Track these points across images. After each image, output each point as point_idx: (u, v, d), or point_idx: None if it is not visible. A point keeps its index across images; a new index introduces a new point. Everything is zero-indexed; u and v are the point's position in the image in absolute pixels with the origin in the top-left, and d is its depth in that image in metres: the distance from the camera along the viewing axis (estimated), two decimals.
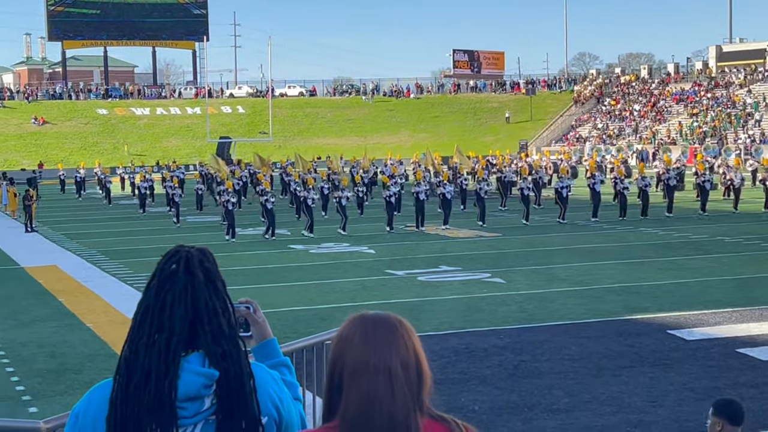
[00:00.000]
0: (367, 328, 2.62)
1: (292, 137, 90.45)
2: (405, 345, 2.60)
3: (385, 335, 2.60)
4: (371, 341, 2.59)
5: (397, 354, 2.58)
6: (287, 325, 15.88)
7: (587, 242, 27.53)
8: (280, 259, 25.58)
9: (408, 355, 2.59)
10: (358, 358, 2.58)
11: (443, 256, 25.03)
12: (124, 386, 2.68)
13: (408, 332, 2.63)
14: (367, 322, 2.64)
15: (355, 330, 2.63)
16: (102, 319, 17.33)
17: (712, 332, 14.99)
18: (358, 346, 2.60)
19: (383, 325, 2.62)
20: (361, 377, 2.56)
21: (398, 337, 2.61)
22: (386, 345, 2.58)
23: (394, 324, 2.63)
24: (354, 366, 2.58)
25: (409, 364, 2.58)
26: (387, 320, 2.64)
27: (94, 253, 27.32)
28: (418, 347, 2.62)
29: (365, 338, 2.60)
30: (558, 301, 18.08)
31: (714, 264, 22.52)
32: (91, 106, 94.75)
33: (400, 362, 2.57)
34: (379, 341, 2.59)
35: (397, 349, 2.58)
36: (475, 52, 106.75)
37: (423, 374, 2.61)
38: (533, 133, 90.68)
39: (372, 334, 2.60)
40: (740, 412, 6.08)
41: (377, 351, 2.57)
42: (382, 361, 2.56)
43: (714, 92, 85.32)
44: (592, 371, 12.68)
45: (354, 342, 2.61)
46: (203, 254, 2.82)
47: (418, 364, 2.60)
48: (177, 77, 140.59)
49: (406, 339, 2.61)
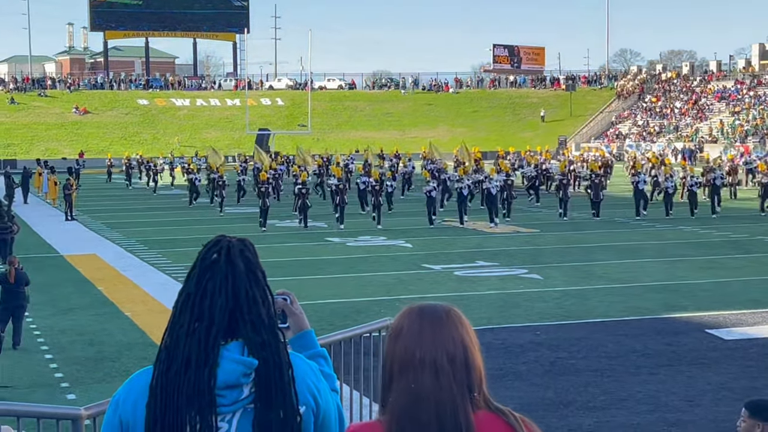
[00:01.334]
0: (414, 322, 2.60)
1: (331, 130, 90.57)
2: (452, 337, 2.57)
3: (430, 328, 2.58)
4: (416, 335, 2.57)
5: (443, 347, 2.55)
6: (323, 317, 15.92)
7: (626, 239, 27.35)
8: (316, 251, 25.64)
9: (455, 348, 2.56)
10: (404, 352, 2.57)
11: (480, 252, 24.98)
12: (164, 373, 2.70)
13: (455, 323, 2.60)
14: (414, 315, 2.62)
15: (403, 323, 2.62)
16: (140, 308, 17.46)
17: (751, 332, 14.86)
18: (405, 339, 2.58)
19: (429, 317, 2.60)
20: (407, 371, 2.55)
21: (444, 329, 2.58)
22: (431, 338, 2.56)
23: (440, 315, 2.60)
24: (401, 360, 2.57)
25: (456, 357, 2.55)
26: (434, 312, 2.61)
27: (134, 243, 27.51)
28: (466, 338, 2.59)
29: (411, 331, 2.58)
30: (595, 299, 17.99)
31: (754, 263, 22.31)
32: (131, 96, 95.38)
33: (446, 355, 2.54)
34: (424, 334, 2.57)
35: (442, 341, 2.56)
36: (516, 47, 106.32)
37: (472, 366, 2.57)
38: (572, 129, 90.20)
39: (417, 327, 2.58)
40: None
41: (422, 344, 2.55)
42: (428, 354, 2.54)
43: (756, 90, 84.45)
44: (630, 369, 12.61)
45: (401, 335, 2.60)
46: (244, 244, 2.83)
47: (466, 356, 2.57)
48: (217, 69, 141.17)
49: (453, 330, 2.58)
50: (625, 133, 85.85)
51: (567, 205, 33.79)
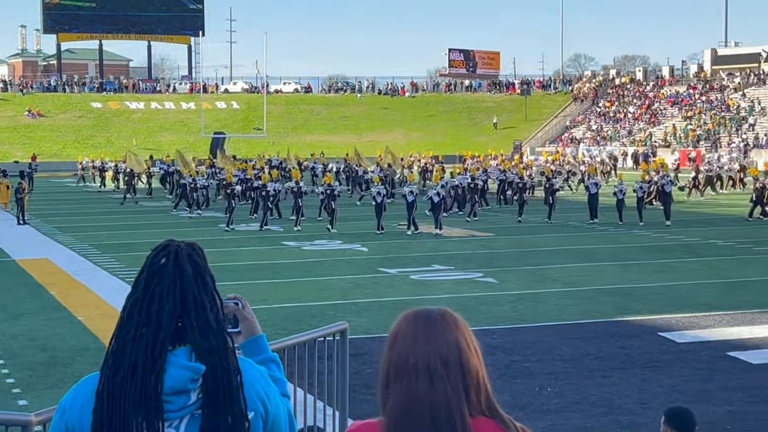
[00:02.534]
0: (408, 327, 2.61)
1: (287, 134, 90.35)
2: (445, 340, 2.57)
3: (424, 332, 2.59)
4: (410, 340, 2.58)
5: (436, 350, 2.55)
6: (278, 322, 15.86)
7: (580, 243, 27.54)
8: (272, 255, 25.57)
9: (448, 350, 2.56)
10: (399, 357, 2.58)
11: (436, 255, 25.03)
12: (111, 379, 2.68)
13: (449, 327, 2.60)
14: (409, 319, 2.64)
15: (399, 329, 2.63)
16: (93, 312, 17.30)
17: (703, 335, 15.00)
18: (400, 344, 2.60)
19: (423, 322, 2.61)
20: (402, 376, 2.56)
21: (438, 333, 2.58)
22: (425, 342, 2.57)
23: (434, 319, 2.61)
24: (397, 365, 2.58)
25: (450, 360, 2.55)
26: (428, 316, 2.62)
27: (86, 247, 27.26)
28: (461, 341, 2.59)
29: (406, 336, 2.60)
30: (550, 302, 18.09)
31: (706, 267, 22.55)
32: (85, 99, 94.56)
33: (440, 358, 2.55)
34: (417, 339, 2.58)
35: (436, 346, 2.56)
36: (471, 51, 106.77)
37: (468, 369, 2.57)
38: (527, 133, 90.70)
39: (412, 332, 2.60)
40: (690, 422, 6.14)
41: (416, 349, 2.56)
42: (421, 358, 2.55)
43: (708, 95, 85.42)
44: (583, 372, 12.68)
45: (397, 341, 2.61)
46: (192, 249, 2.82)
47: (460, 359, 2.57)
48: (172, 72, 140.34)
49: (447, 333, 2.58)
50: (579, 137, 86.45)
51: (524, 208, 34.12)
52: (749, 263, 23.03)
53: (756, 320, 16.10)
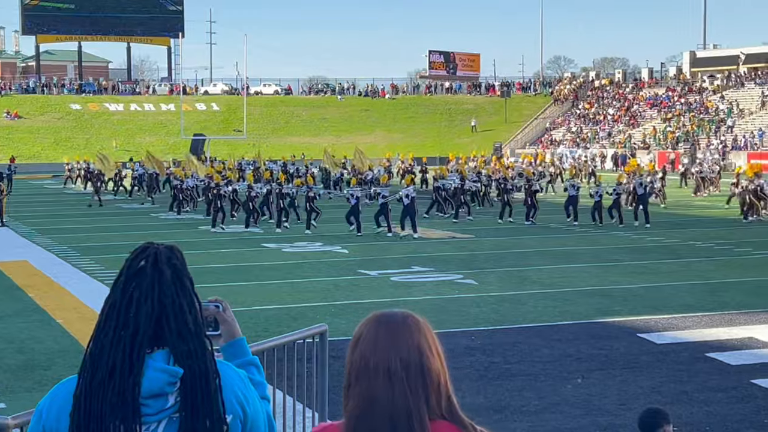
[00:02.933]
0: (371, 329, 2.62)
1: (267, 135, 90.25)
2: (407, 344, 2.57)
3: (386, 335, 2.59)
4: (372, 342, 2.58)
5: (397, 354, 2.55)
6: (258, 323, 15.84)
7: (560, 245, 27.62)
8: (252, 257, 25.53)
9: (409, 354, 2.56)
10: (360, 360, 2.58)
11: (416, 257, 25.05)
12: (89, 382, 2.67)
13: (411, 330, 2.60)
14: (372, 322, 2.64)
15: (362, 331, 2.64)
16: (72, 315, 17.22)
17: (682, 336, 15.07)
18: (362, 346, 2.60)
19: (385, 325, 2.61)
20: (362, 379, 2.56)
21: (399, 336, 2.58)
22: (386, 345, 2.57)
23: (397, 322, 2.61)
24: (358, 367, 2.58)
25: (411, 363, 2.55)
26: (391, 319, 2.63)
27: (66, 249, 27.15)
28: (423, 344, 2.59)
29: (368, 339, 2.60)
30: (530, 304, 18.12)
31: (685, 269, 22.64)
32: (64, 101, 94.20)
33: (400, 362, 2.54)
34: (379, 342, 2.58)
35: (397, 348, 2.56)
36: (451, 53, 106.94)
37: (428, 372, 2.57)
38: (507, 135, 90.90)
39: (374, 335, 2.60)
40: (647, 423, 6.19)
41: (377, 351, 2.56)
42: (382, 361, 2.55)
43: (687, 98, 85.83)
44: (563, 373, 12.71)
45: (359, 343, 2.61)
46: (171, 251, 2.81)
47: (422, 362, 2.57)
48: (151, 73, 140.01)
49: (408, 336, 2.59)
50: (558, 139, 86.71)
51: (507, 209, 34.29)
52: (728, 265, 23.15)
53: (735, 321, 16.18)
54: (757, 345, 14.43)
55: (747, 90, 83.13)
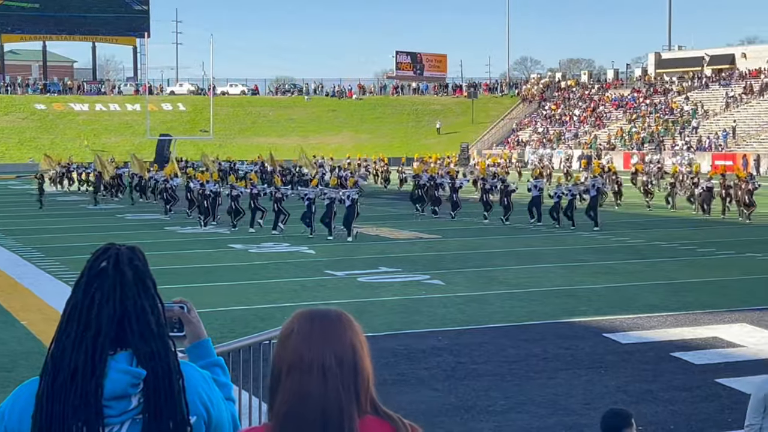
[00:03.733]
0: (304, 324, 2.60)
1: (233, 136, 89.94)
2: (340, 340, 2.57)
3: (320, 331, 2.57)
4: (306, 338, 2.57)
5: (332, 350, 2.55)
6: (225, 324, 15.78)
7: (526, 245, 27.72)
8: (219, 258, 25.44)
9: (343, 351, 2.56)
10: (293, 354, 2.56)
11: (383, 258, 25.05)
12: (50, 384, 2.65)
13: (346, 327, 2.60)
14: (304, 318, 2.62)
15: (293, 326, 2.61)
16: (36, 316, 17.09)
17: (647, 336, 15.17)
18: (295, 342, 2.57)
19: (320, 321, 2.60)
20: (294, 374, 2.54)
21: (334, 333, 2.58)
22: (321, 341, 2.55)
23: (331, 319, 2.61)
24: (290, 363, 2.55)
25: (344, 360, 2.55)
26: (325, 315, 2.62)
27: (30, 250, 26.94)
28: (356, 342, 2.59)
29: (301, 334, 2.58)
30: (497, 304, 18.18)
31: (650, 269, 22.79)
32: (28, 100, 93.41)
33: (335, 358, 2.54)
34: (313, 337, 2.56)
35: (331, 344, 2.55)
36: (418, 54, 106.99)
37: (360, 370, 2.57)
38: (474, 136, 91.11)
39: (308, 330, 2.58)
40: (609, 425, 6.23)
41: (311, 347, 2.55)
42: (316, 356, 2.53)
43: (652, 99, 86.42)
44: (529, 373, 12.76)
45: (291, 338, 2.59)
46: (133, 252, 2.79)
47: (355, 360, 2.57)
48: (117, 73, 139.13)
49: (342, 334, 2.58)
50: (525, 140, 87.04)
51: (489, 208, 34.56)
52: (693, 265, 23.32)
53: (699, 321, 16.31)
54: (721, 344, 14.55)
55: (711, 91, 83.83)
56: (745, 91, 79.91)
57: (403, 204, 42.10)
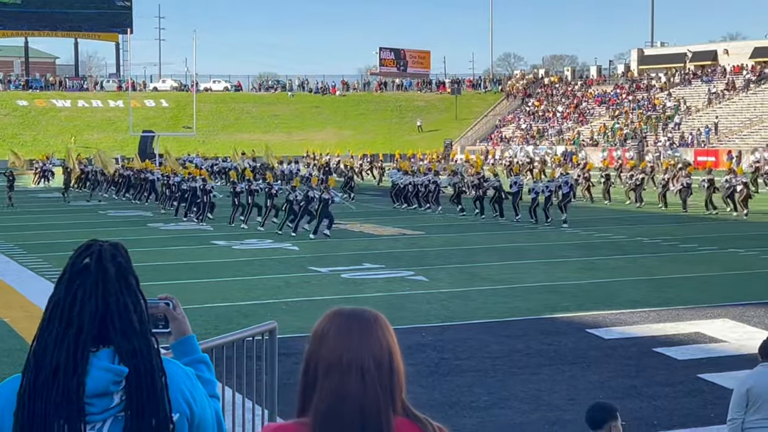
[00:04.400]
0: (342, 324, 2.62)
1: (217, 132, 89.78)
2: (379, 342, 2.60)
3: (359, 332, 2.60)
4: (345, 338, 2.59)
5: (370, 351, 2.57)
6: (209, 321, 15.75)
7: (509, 241, 27.77)
8: (202, 254, 25.39)
9: (381, 352, 2.59)
10: (331, 354, 2.58)
11: (366, 254, 25.05)
12: (32, 382, 2.64)
13: (383, 328, 2.63)
14: (342, 317, 2.64)
15: (330, 326, 2.63)
16: (19, 313, 17.02)
17: (630, 331, 15.21)
18: (332, 342, 2.59)
19: (358, 322, 2.62)
20: (334, 374, 2.56)
21: (372, 334, 2.60)
22: (360, 342, 2.58)
23: (368, 320, 2.63)
24: (328, 362, 2.58)
25: (383, 362, 2.58)
26: (362, 316, 2.64)
27: (12, 247, 26.83)
28: (392, 344, 2.62)
29: (339, 334, 2.60)
30: (480, 300, 18.20)
31: (632, 264, 22.86)
32: (10, 97, 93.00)
33: (373, 359, 2.57)
34: (353, 338, 2.59)
35: (370, 346, 2.58)
36: (402, 50, 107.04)
37: (396, 371, 2.61)
38: (458, 132, 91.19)
39: (346, 331, 2.60)
40: (594, 418, 6.26)
41: (351, 348, 2.57)
42: (355, 358, 2.56)
43: (635, 95, 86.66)
44: (513, 369, 12.78)
45: (328, 338, 2.60)
46: (116, 249, 2.78)
47: (391, 361, 2.60)
48: (99, 69, 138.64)
49: (380, 335, 2.61)
50: (508, 136, 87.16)
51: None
52: (675, 260, 23.41)
53: (681, 316, 16.36)
54: (703, 340, 14.61)
55: (694, 87, 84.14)
56: (728, 88, 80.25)
57: (386, 200, 42.10)
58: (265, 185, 32.77)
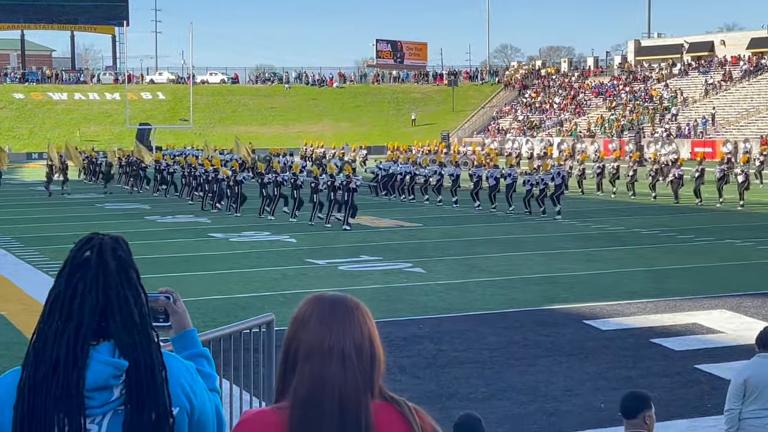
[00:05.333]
0: (324, 310, 2.63)
1: (214, 125, 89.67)
2: (360, 328, 2.62)
3: (341, 317, 2.61)
4: (327, 323, 2.60)
5: (352, 337, 2.59)
6: (206, 313, 15.77)
7: (506, 233, 27.79)
8: (199, 247, 25.39)
9: (362, 339, 2.60)
10: (312, 339, 2.59)
11: (364, 246, 25.07)
12: (32, 375, 2.64)
13: (364, 315, 2.65)
14: (324, 303, 2.65)
15: (312, 311, 2.64)
16: (16, 307, 17.03)
17: (627, 322, 15.24)
18: (314, 327, 2.61)
19: (340, 307, 2.64)
20: (314, 359, 2.57)
21: (354, 320, 2.62)
22: (341, 327, 2.59)
23: (350, 306, 2.64)
24: (308, 347, 2.59)
25: (363, 348, 2.60)
26: (344, 302, 2.65)
27: (9, 240, 26.81)
28: (372, 331, 2.64)
29: (321, 319, 2.61)
30: (477, 291, 18.23)
31: (629, 255, 22.89)
32: (6, 90, 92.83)
33: (354, 345, 2.58)
34: (334, 323, 2.60)
35: (351, 332, 2.60)
36: (398, 42, 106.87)
37: (376, 358, 2.62)
38: (455, 124, 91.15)
39: (328, 316, 2.61)
40: (629, 407, 6.25)
41: (332, 333, 2.59)
42: (337, 343, 2.57)
43: (632, 86, 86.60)
44: (510, 360, 12.81)
45: (310, 323, 2.62)
46: (117, 242, 2.78)
47: (371, 348, 2.62)
48: (96, 62, 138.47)
49: (362, 322, 2.63)
50: (506, 127, 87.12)
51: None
52: (672, 251, 23.44)
53: (679, 307, 16.40)
54: (700, 331, 14.64)
55: (691, 78, 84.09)
56: (725, 78, 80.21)
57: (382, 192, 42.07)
58: (291, 176, 32.82)
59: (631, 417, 6.20)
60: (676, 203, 35.62)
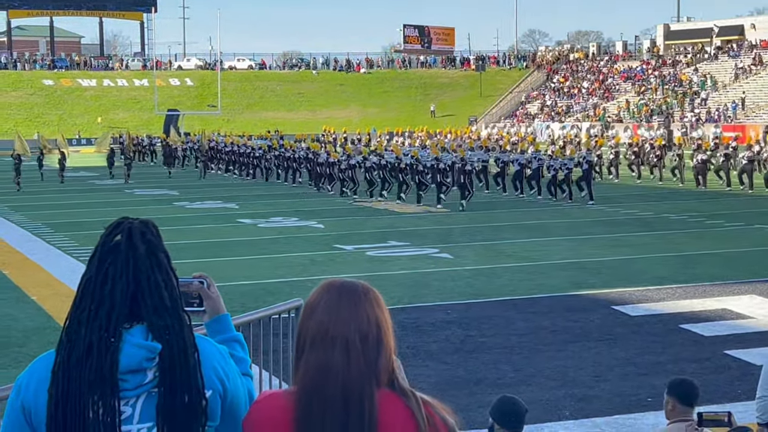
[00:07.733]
0: (332, 297, 2.63)
1: (241, 111, 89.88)
2: (366, 315, 2.60)
3: (347, 305, 2.60)
4: (333, 311, 2.60)
5: (357, 325, 2.58)
6: (234, 299, 15.80)
7: (534, 218, 27.71)
8: (228, 232, 25.47)
9: (368, 327, 2.59)
10: (318, 327, 2.60)
11: (392, 232, 25.06)
12: (66, 359, 2.66)
13: (372, 302, 2.63)
14: (332, 290, 2.65)
15: (321, 298, 2.64)
16: (47, 292, 17.15)
17: (656, 308, 15.17)
18: (321, 315, 2.61)
19: (347, 295, 2.63)
20: (319, 347, 2.58)
21: (360, 308, 2.61)
22: (347, 316, 2.59)
23: (358, 294, 2.63)
24: (314, 335, 2.59)
25: (369, 336, 2.58)
26: (352, 289, 2.64)
27: (39, 226, 27.00)
28: (381, 318, 2.62)
29: (328, 307, 2.61)
30: (505, 277, 18.19)
31: (659, 241, 22.77)
32: (36, 76, 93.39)
33: (359, 334, 2.57)
34: (340, 311, 2.60)
35: (357, 320, 2.59)
36: (426, 27, 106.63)
37: (383, 346, 2.60)
38: (482, 109, 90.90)
39: (335, 304, 2.61)
40: (691, 393, 6.20)
41: (337, 320, 2.58)
42: (341, 332, 2.57)
43: (661, 71, 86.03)
44: (538, 346, 12.79)
45: (317, 311, 2.62)
46: (146, 226, 2.78)
47: (379, 336, 2.60)
48: (124, 48, 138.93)
49: (369, 310, 2.61)
50: (534, 113, 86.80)
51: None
52: (702, 237, 23.30)
53: (708, 293, 16.30)
54: (730, 316, 14.56)
55: (720, 63, 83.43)
56: (755, 62, 79.51)
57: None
58: (394, 159, 34.17)
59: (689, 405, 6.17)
60: (702, 188, 35.32)
